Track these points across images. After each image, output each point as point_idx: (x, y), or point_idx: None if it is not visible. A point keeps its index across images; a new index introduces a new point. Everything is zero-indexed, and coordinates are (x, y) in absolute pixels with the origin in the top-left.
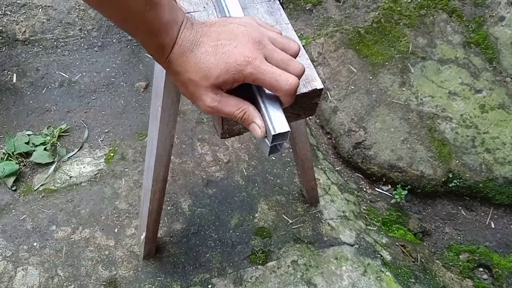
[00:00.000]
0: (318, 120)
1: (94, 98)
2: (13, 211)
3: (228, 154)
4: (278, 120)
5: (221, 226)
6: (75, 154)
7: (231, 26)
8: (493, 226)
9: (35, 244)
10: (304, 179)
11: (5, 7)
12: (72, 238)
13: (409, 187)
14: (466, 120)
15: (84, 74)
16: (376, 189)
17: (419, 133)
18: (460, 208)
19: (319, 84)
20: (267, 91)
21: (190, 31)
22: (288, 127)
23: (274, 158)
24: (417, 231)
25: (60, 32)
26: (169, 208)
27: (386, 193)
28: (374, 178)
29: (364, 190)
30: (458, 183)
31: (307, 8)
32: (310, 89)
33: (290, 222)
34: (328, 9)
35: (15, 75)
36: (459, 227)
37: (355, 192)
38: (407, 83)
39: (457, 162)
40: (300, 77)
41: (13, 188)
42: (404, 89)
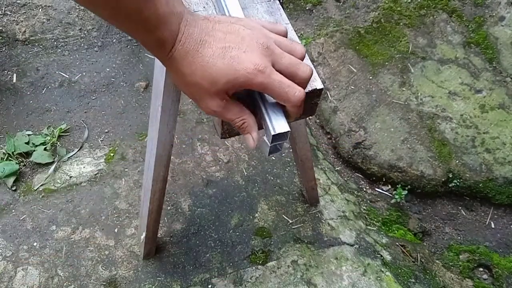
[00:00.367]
0: (318, 120)
1: (94, 98)
2: (13, 211)
3: (228, 154)
4: (278, 120)
5: (221, 226)
6: (75, 154)
7: (236, 27)
8: (493, 226)
9: (35, 244)
10: (304, 179)
11: (5, 7)
12: (72, 238)
13: (409, 187)
14: (466, 120)
15: (84, 74)
16: (376, 189)
17: (419, 133)
18: (460, 208)
19: (319, 84)
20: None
21: (194, 28)
22: (288, 127)
23: (274, 158)
24: (417, 231)
25: (60, 32)
26: (169, 208)
27: (386, 193)
28: (374, 178)
29: (364, 190)
30: (458, 183)
31: (307, 8)
32: (310, 89)
33: (290, 222)
34: (328, 9)
35: (15, 75)
36: (459, 227)
37: (355, 192)
38: (407, 83)
39: (457, 162)
40: (309, 79)
41: (13, 188)
42: (404, 89)
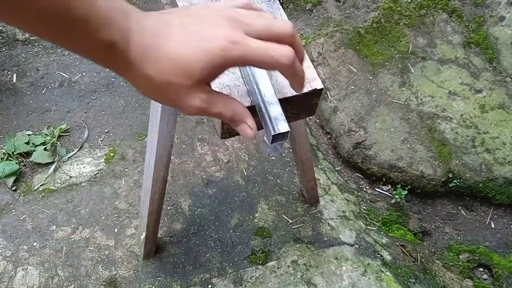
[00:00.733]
0: (318, 120)
1: (94, 98)
2: (13, 211)
3: (228, 154)
4: (278, 120)
5: (221, 226)
6: (75, 154)
7: (193, 10)
8: (493, 226)
9: (35, 244)
10: (304, 179)
11: None
12: (72, 238)
13: (409, 187)
14: (466, 120)
15: (84, 74)
16: (376, 189)
17: (419, 133)
18: (460, 208)
19: (319, 84)
20: (266, 91)
21: (146, 21)
22: (288, 127)
23: (274, 158)
24: (417, 231)
25: None
26: (169, 208)
27: (386, 193)
28: (374, 178)
29: (364, 190)
30: (458, 183)
31: (307, 8)
32: (310, 89)
33: (290, 222)
34: (328, 9)
35: (15, 75)
36: (459, 227)
37: (355, 192)
38: (407, 83)
39: (457, 162)
40: (292, 34)
41: (13, 188)
42: (404, 89)
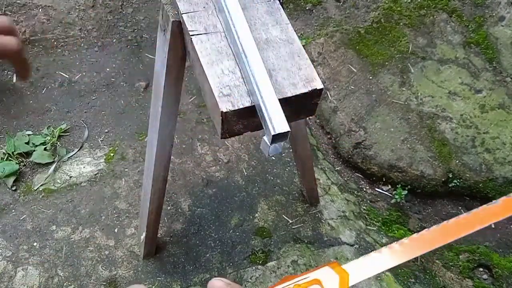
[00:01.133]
0: (318, 120)
1: (94, 98)
2: (13, 211)
3: (228, 154)
4: (278, 120)
5: (221, 226)
6: (75, 154)
7: None
8: (493, 226)
9: (35, 244)
10: (304, 179)
11: (5, 7)
12: (72, 238)
13: (409, 187)
14: (466, 120)
15: (84, 74)
16: (376, 189)
17: (419, 133)
18: (460, 208)
19: (319, 84)
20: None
21: None
22: (288, 127)
23: (274, 158)
24: (417, 231)
25: (60, 32)
26: (169, 208)
27: (386, 193)
28: (374, 178)
29: (364, 190)
30: (458, 183)
31: (307, 8)
32: (310, 89)
33: (290, 222)
34: (328, 9)
35: (15, 75)
36: None
37: (355, 192)
38: (407, 83)
39: (457, 162)
40: (6, 24)
41: (13, 188)
42: (404, 89)
